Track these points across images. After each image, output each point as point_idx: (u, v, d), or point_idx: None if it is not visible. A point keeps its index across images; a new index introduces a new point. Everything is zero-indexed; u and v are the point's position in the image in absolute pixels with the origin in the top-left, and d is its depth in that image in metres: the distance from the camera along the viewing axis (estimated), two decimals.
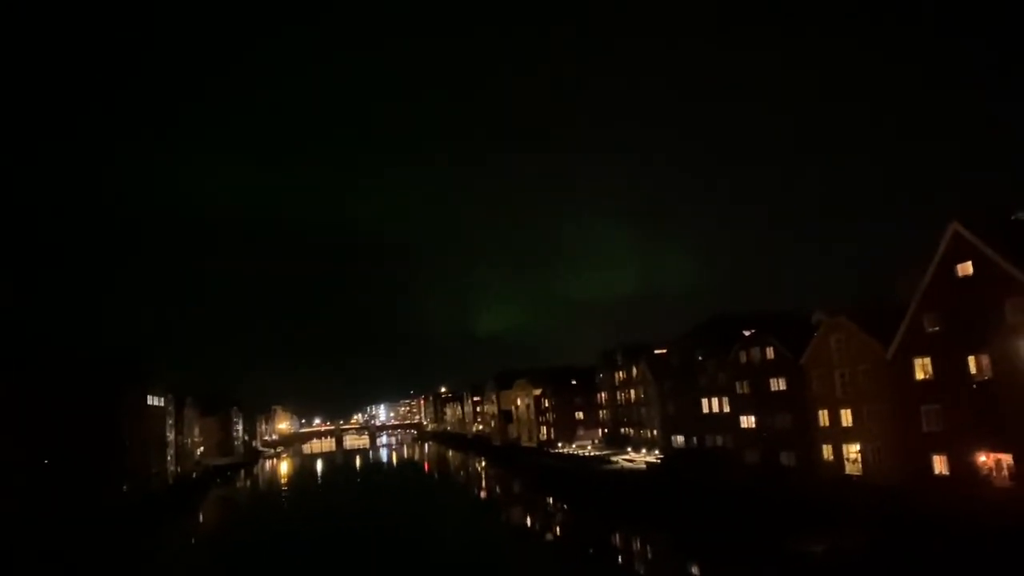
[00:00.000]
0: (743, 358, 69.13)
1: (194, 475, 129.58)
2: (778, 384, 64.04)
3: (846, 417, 55.67)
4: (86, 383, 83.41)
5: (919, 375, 47.42)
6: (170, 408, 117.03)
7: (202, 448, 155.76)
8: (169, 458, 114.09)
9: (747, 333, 69.76)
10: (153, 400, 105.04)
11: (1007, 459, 40.98)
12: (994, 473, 41.81)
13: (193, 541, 77.89)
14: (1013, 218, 47.88)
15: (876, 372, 51.77)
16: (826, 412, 57.81)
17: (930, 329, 46.28)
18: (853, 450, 55.16)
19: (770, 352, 65.18)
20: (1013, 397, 39.95)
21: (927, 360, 46.81)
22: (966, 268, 43.17)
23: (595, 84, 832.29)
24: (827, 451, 57.83)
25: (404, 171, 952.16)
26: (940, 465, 45.79)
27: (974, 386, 42.77)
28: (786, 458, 62.83)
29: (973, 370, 43.01)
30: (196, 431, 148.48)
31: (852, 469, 55.02)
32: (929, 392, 46.50)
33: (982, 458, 42.59)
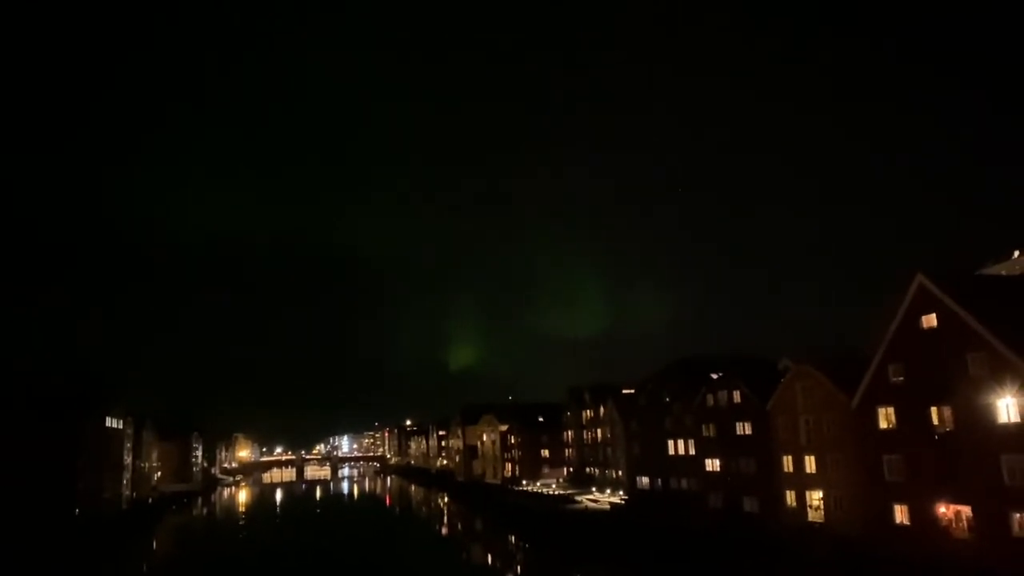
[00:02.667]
0: (710, 401, 69.40)
1: (150, 500, 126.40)
2: (744, 428, 64.31)
3: (810, 464, 55.98)
4: (40, 402, 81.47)
5: (882, 424, 47.94)
6: (128, 431, 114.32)
7: (159, 473, 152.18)
8: (125, 482, 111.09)
9: (715, 376, 70.14)
10: (111, 422, 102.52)
11: (966, 511, 41.39)
12: (953, 524, 42.16)
13: (144, 569, 75.72)
14: (979, 273, 49.09)
15: (840, 420, 52.25)
16: (790, 458, 58.10)
17: (894, 379, 46.93)
18: (816, 497, 55.38)
19: (737, 396, 65.52)
20: (973, 449, 40.50)
21: (890, 410, 47.38)
22: (930, 320, 43.96)
23: (572, 120, 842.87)
24: (790, 497, 57.99)
25: (377, 200, 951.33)
26: (901, 514, 46.10)
27: (936, 437, 43.31)
28: (749, 503, 62.85)
29: (935, 421, 43.59)
30: (154, 456, 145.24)
31: (815, 516, 55.18)
32: (892, 442, 46.99)
33: (942, 509, 42.97)
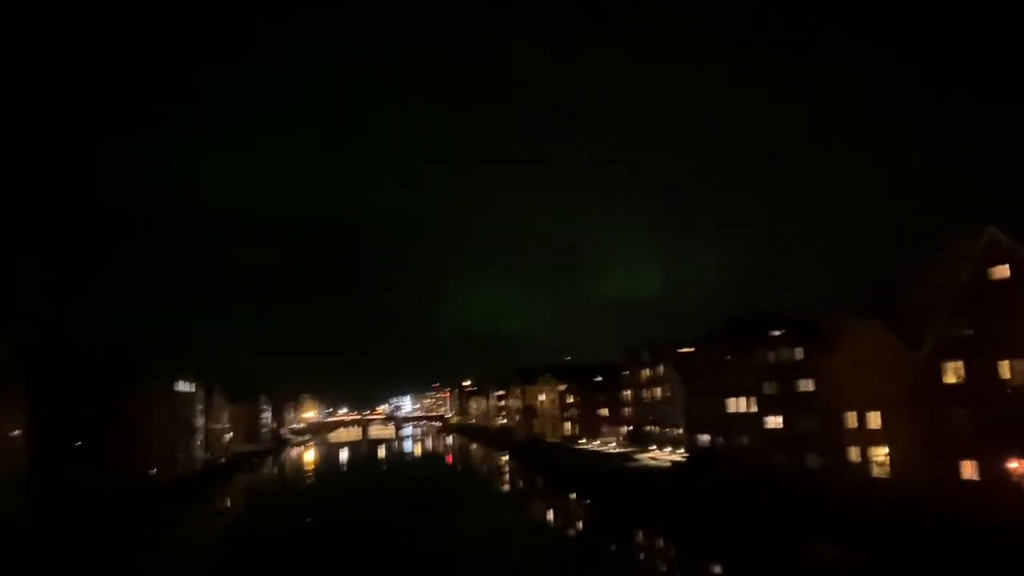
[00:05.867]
0: (771, 358, 68.72)
1: (222, 460, 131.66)
2: (806, 385, 63.66)
3: (874, 420, 55.21)
4: (115, 371, 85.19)
5: (950, 379, 46.91)
6: (200, 394, 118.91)
7: (230, 434, 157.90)
8: (198, 443, 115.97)
9: (776, 333, 69.27)
10: (183, 387, 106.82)
11: None
12: None
13: (218, 525, 79.16)
14: None
15: (905, 375, 51.24)
16: (854, 414, 57.37)
17: (962, 333, 45.73)
18: (880, 453, 54.70)
19: (799, 353, 64.75)
20: None
21: (958, 364, 46.31)
22: (1002, 272, 42.62)
23: (617, 85, 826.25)
24: (854, 453, 57.40)
25: (429, 172, 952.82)
26: (969, 470, 45.28)
27: (1007, 391, 42.23)
28: (812, 459, 62.40)
29: (1006, 375, 42.46)
30: (224, 418, 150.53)
31: (879, 472, 54.57)
32: (959, 396, 46.00)
33: (1013, 464, 42.04)
